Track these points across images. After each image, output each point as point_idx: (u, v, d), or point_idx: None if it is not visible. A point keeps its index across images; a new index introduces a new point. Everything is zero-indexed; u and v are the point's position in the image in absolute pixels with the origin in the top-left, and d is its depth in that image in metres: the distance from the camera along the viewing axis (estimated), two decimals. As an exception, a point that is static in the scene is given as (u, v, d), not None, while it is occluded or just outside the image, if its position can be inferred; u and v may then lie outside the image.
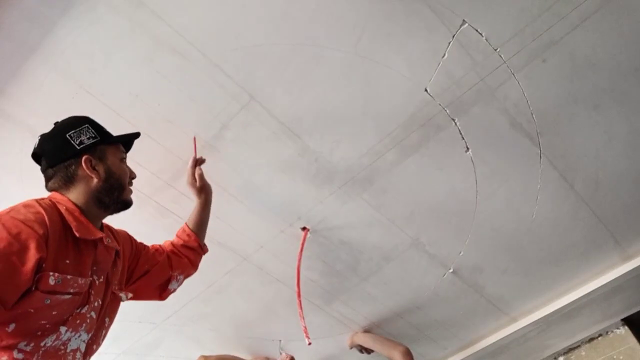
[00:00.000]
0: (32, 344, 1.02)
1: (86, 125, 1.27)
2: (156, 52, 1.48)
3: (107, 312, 1.25)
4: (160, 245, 1.62)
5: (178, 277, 1.58)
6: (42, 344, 1.04)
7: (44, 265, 1.02)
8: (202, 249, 1.71)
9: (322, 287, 2.27)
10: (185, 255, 1.63)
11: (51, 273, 1.02)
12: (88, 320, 1.15)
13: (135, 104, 1.60)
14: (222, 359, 2.43)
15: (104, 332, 1.26)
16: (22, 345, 1.01)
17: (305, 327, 1.94)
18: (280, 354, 2.56)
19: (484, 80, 1.60)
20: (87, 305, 1.14)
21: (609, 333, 2.91)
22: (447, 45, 1.52)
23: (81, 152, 1.23)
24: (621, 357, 2.82)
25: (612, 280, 2.32)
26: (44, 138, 1.26)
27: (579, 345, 3.00)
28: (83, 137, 1.24)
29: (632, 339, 2.80)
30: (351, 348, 2.57)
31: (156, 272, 1.50)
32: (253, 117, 1.65)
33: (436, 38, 1.50)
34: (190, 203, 1.86)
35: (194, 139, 1.68)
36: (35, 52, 1.46)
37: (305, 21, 1.46)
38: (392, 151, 1.77)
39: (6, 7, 1.36)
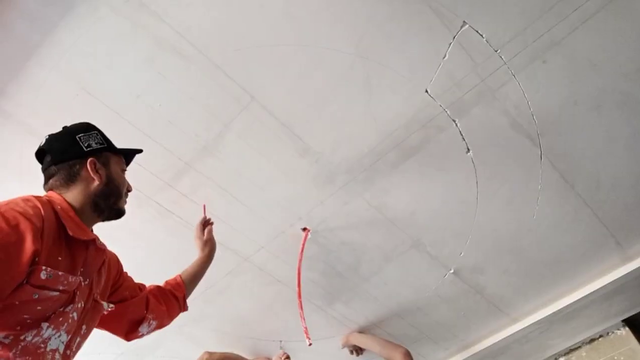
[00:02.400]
0: (11, 337, 1.01)
1: (95, 131, 1.32)
2: (157, 53, 1.49)
3: (86, 319, 1.23)
4: (143, 284, 1.58)
5: (150, 322, 1.52)
6: (21, 338, 1.03)
7: (37, 258, 1.02)
8: (184, 304, 1.66)
9: (322, 288, 2.27)
10: (166, 303, 1.58)
11: (44, 267, 1.02)
12: (70, 321, 1.14)
13: (136, 105, 1.60)
14: (226, 356, 2.43)
15: (78, 339, 1.23)
16: (0, 337, 1.00)
17: (306, 328, 1.94)
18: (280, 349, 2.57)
19: (484, 82, 1.60)
20: (72, 305, 1.13)
21: (609, 334, 2.91)
22: (447, 47, 1.52)
23: (87, 154, 1.26)
24: (622, 358, 2.82)
25: (613, 281, 2.32)
26: (52, 136, 1.29)
27: (579, 346, 2.99)
28: (91, 141, 1.28)
29: (633, 339, 2.80)
30: (344, 347, 2.57)
31: (132, 305, 1.46)
32: (254, 117, 1.65)
33: (437, 39, 1.50)
34: (190, 204, 1.86)
35: (204, 206, 1.82)
36: (36, 53, 1.46)
37: (307, 22, 1.46)
38: (393, 152, 1.77)
39: (7, 8, 1.36)
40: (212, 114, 1.63)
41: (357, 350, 2.55)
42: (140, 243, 1.64)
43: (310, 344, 1.90)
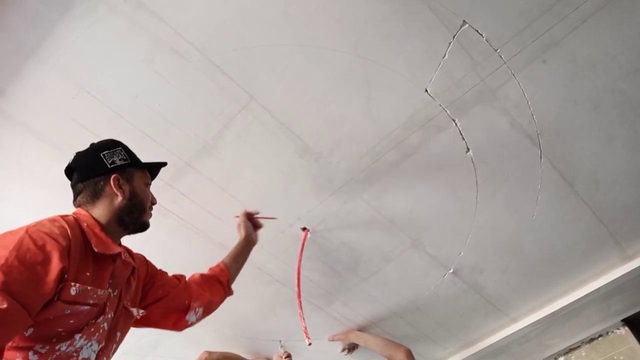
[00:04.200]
0: (47, 347, 1.07)
1: (120, 148, 1.36)
2: (156, 53, 1.48)
3: (119, 327, 1.28)
4: (182, 275, 1.61)
5: (197, 310, 1.55)
6: (57, 348, 1.08)
7: (66, 275, 1.06)
8: (229, 288, 1.71)
9: (322, 288, 2.27)
10: (209, 289, 1.62)
11: (73, 283, 1.07)
12: (101, 331, 1.18)
13: (135, 105, 1.60)
14: (225, 356, 2.44)
15: (114, 345, 1.29)
16: (38, 347, 1.05)
17: (306, 327, 1.94)
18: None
19: (484, 81, 1.60)
20: (102, 316, 1.18)
21: (609, 333, 2.91)
22: (447, 46, 1.52)
23: (111, 170, 1.30)
24: (621, 358, 2.82)
25: (613, 280, 2.32)
26: (79, 154, 1.34)
27: (579, 346, 3.00)
28: (115, 158, 1.32)
29: (632, 339, 2.80)
30: (342, 346, 2.57)
31: (171, 299, 1.49)
32: (253, 117, 1.65)
33: (436, 39, 1.50)
34: (191, 204, 1.87)
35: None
36: (36, 53, 1.46)
37: (305, 22, 1.45)
38: (392, 152, 1.77)
39: (6, 7, 1.36)
40: (211, 113, 1.63)
41: (351, 348, 2.56)
42: (140, 243, 1.63)
43: (309, 344, 1.90)
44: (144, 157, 1.66)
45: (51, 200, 1.82)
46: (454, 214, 2.00)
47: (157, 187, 1.79)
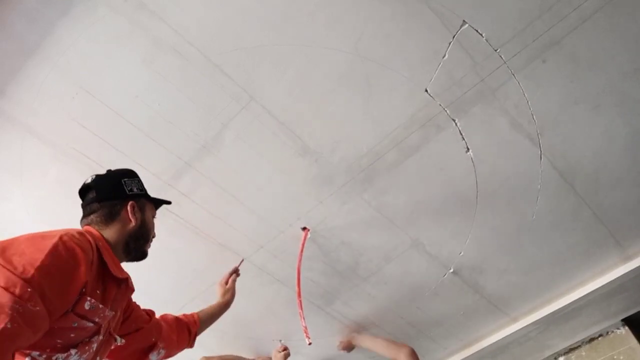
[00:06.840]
0: (44, 356, 1.08)
1: (137, 178, 1.45)
2: (156, 53, 1.49)
3: (101, 351, 1.29)
4: (152, 310, 1.63)
5: (160, 350, 1.57)
6: (53, 358, 1.09)
7: (84, 289, 1.09)
8: (193, 340, 1.76)
9: (322, 288, 2.27)
10: (178, 333, 1.66)
11: (89, 298, 1.10)
12: (91, 350, 1.19)
13: (135, 105, 1.60)
14: (223, 359, 2.43)
15: None
16: (35, 354, 1.06)
17: (306, 327, 1.94)
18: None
19: (484, 81, 1.60)
20: (97, 336, 1.19)
21: (609, 333, 2.91)
22: (447, 46, 1.52)
23: (129, 197, 1.37)
24: (621, 357, 2.82)
25: (613, 280, 2.32)
26: (99, 176, 1.39)
27: (579, 346, 2.99)
28: (133, 186, 1.41)
29: (633, 339, 2.80)
30: (343, 348, 2.56)
31: (141, 335, 1.51)
32: (253, 117, 1.65)
33: (436, 38, 1.50)
34: (191, 204, 1.86)
35: (242, 260, 2.07)
36: (36, 53, 1.47)
37: (306, 22, 1.46)
38: (392, 151, 1.77)
39: (6, 7, 1.36)
40: (211, 113, 1.63)
41: (349, 348, 2.55)
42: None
43: (310, 343, 1.90)
44: (144, 157, 1.67)
45: (51, 200, 1.82)
46: (454, 213, 2.00)
47: (156, 186, 1.80)
